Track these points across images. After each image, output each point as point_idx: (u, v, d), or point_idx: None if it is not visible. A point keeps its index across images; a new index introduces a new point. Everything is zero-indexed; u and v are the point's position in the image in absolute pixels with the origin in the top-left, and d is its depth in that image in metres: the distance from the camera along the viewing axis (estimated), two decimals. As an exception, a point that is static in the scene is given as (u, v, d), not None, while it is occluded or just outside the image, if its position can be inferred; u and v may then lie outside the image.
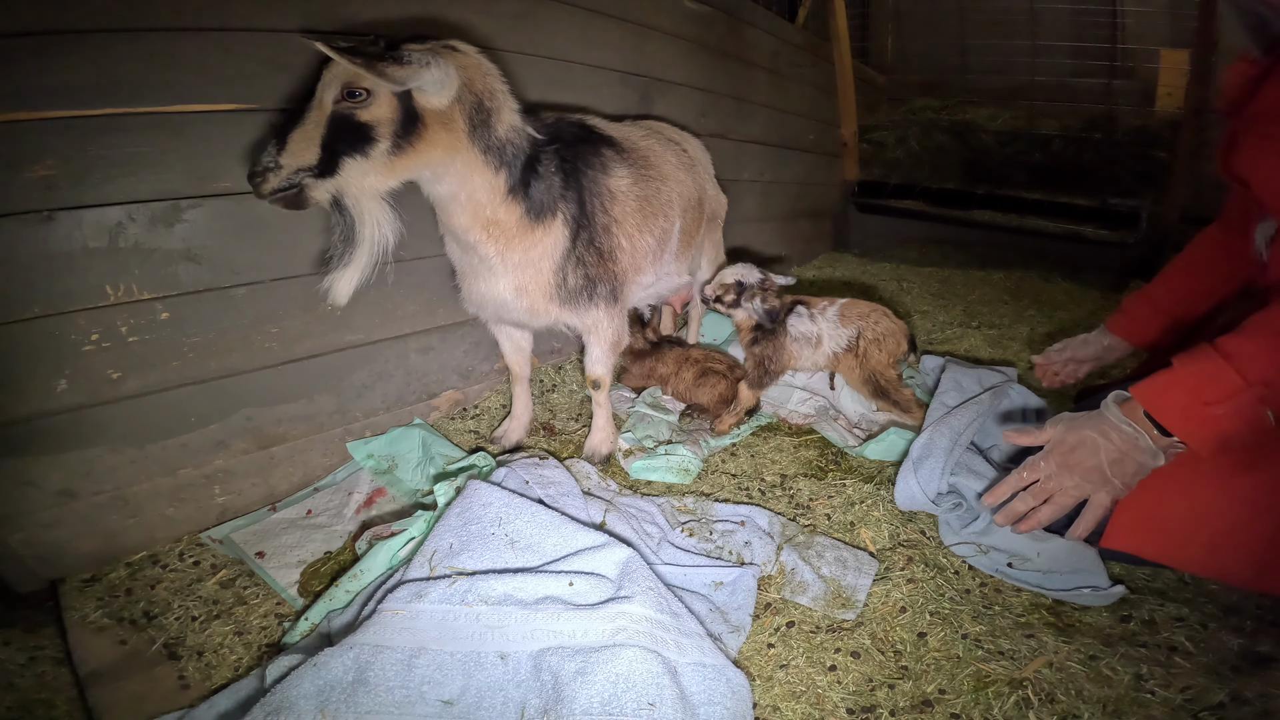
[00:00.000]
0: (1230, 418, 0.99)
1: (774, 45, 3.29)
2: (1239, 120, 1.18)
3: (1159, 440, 1.06)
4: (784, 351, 1.78)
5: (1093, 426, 1.10)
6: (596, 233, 1.54)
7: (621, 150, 1.64)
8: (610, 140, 1.63)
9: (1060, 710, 0.98)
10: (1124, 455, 1.07)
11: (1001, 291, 3.13)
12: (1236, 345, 1.00)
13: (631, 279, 1.68)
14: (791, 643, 1.14)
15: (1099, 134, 3.99)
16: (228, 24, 1.38)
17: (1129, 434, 1.07)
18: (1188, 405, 1.02)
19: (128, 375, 1.35)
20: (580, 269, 1.52)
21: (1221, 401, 0.99)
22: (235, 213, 1.44)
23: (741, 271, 1.77)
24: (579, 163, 1.51)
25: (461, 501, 1.28)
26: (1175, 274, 1.52)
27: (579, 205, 1.50)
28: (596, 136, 1.61)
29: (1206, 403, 1.00)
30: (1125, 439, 1.07)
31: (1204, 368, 1.02)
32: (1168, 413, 1.04)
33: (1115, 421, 1.08)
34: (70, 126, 1.23)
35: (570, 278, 1.51)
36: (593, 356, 1.68)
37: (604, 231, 1.55)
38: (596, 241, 1.54)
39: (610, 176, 1.57)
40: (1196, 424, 1.02)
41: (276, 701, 0.93)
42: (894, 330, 1.75)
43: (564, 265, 1.50)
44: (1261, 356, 0.98)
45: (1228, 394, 0.98)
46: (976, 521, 1.36)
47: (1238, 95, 1.18)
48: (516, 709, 0.96)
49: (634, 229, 1.63)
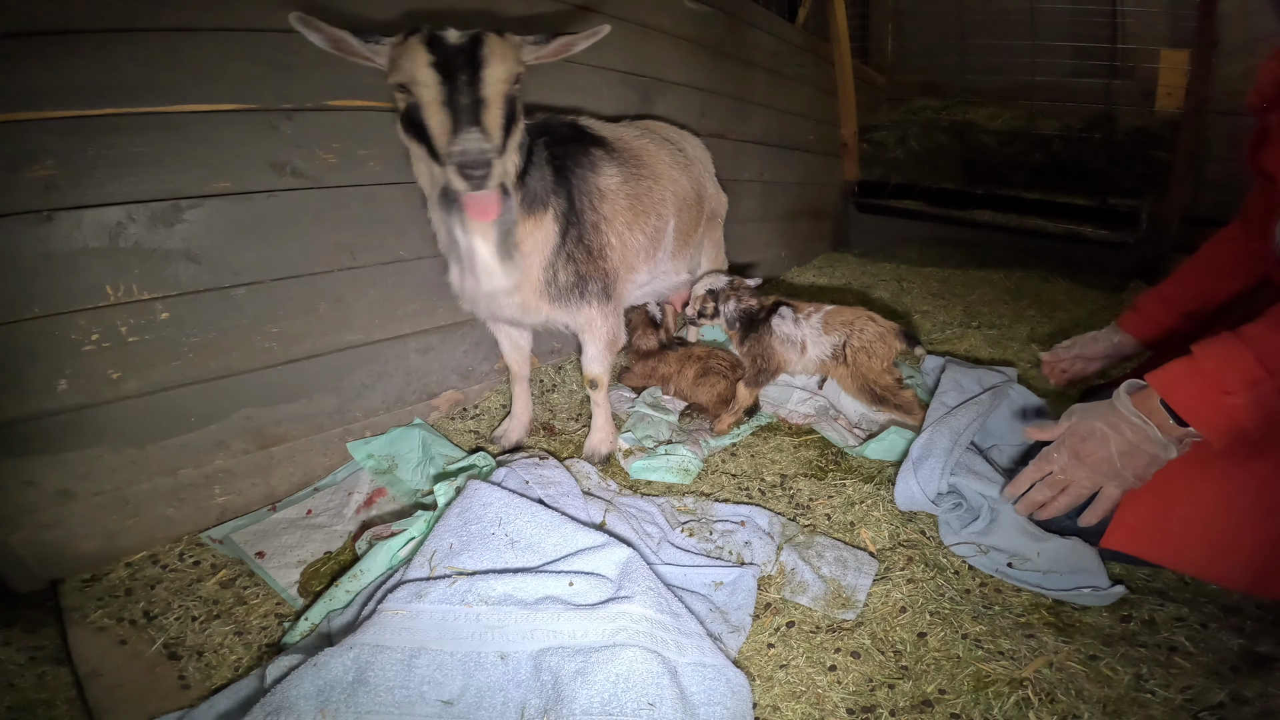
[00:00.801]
0: (1248, 408, 0.97)
1: (774, 45, 3.29)
2: (1272, 115, 1.15)
3: (1172, 431, 1.03)
4: (773, 352, 1.78)
5: (1103, 418, 1.09)
6: (585, 230, 1.54)
7: (612, 150, 1.65)
8: (600, 140, 1.64)
9: (1060, 710, 0.98)
10: (1134, 447, 1.06)
11: (1001, 291, 3.13)
12: (1260, 334, 0.97)
13: (623, 277, 1.69)
14: (791, 643, 1.14)
15: (1099, 134, 3.99)
16: (228, 24, 1.38)
17: (1138, 425, 1.05)
18: (1205, 393, 1.00)
19: (128, 375, 1.35)
20: (570, 265, 1.52)
21: (1241, 390, 0.96)
22: (235, 213, 1.44)
23: (709, 281, 1.87)
24: (568, 160, 1.52)
25: (461, 501, 1.28)
26: (1190, 272, 1.51)
27: (568, 201, 1.51)
28: (586, 136, 1.62)
29: (1225, 391, 0.97)
30: (1135, 430, 1.05)
31: (1226, 356, 0.99)
32: (1185, 401, 1.01)
33: (1125, 413, 1.07)
34: (70, 126, 1.23)
35: (560, 274, 1.52)
36: (589, 355, 1.68)
37: (593, 229, 1.56)
38: (585, 239, 1.54)
39: (599, 175, 1.58)
40: (1213, 413, 0.99)
41: (276, 701, 0.93)
42: (882, 334, 1.71)
43: (554, 261, 1.50)
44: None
45: (1248, 383, 0.96)
46: (976, 521, 1.36)
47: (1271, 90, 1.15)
48: (516, 709, 0.96)
49: (624, 227, 1.63)
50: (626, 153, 1.69)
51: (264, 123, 1.45)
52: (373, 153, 1.64)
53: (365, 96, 1.61)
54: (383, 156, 1.66)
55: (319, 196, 1.56)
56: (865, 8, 4.84)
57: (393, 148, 1.69)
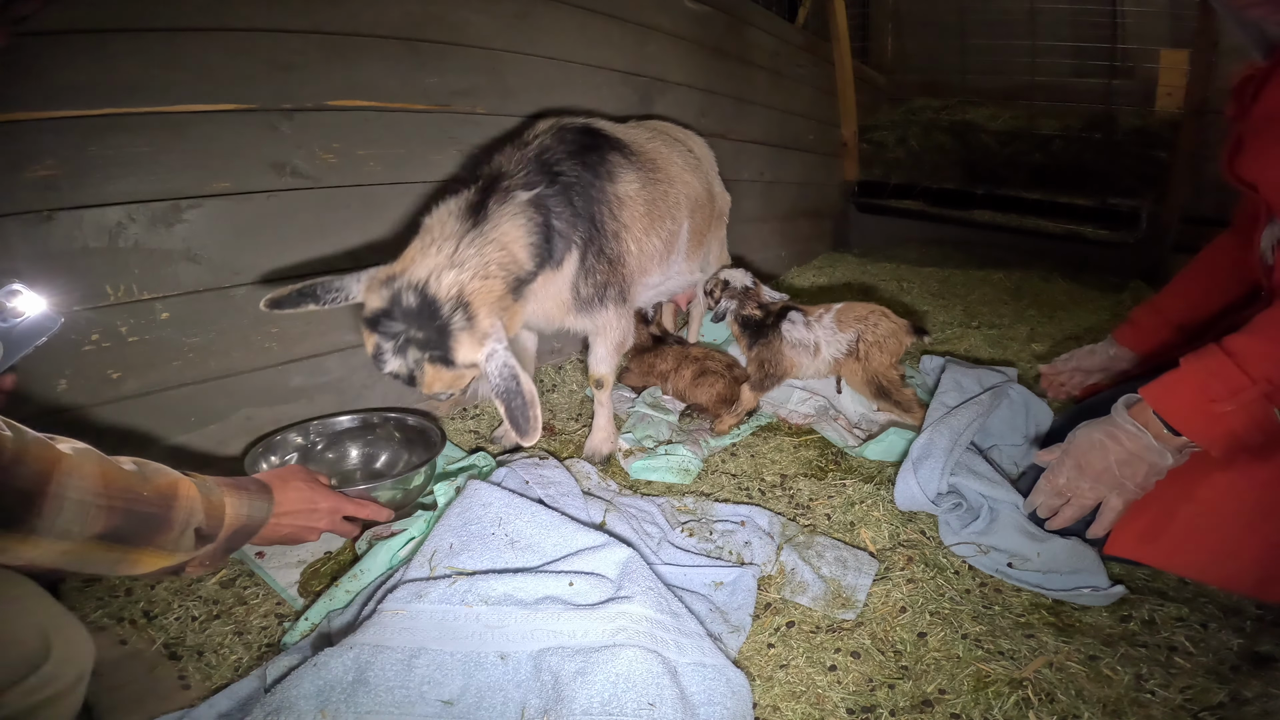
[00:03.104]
0: (1237, 415, 0.99)
1: (774, 45, 3.30)
2: (1244, 124, 1.18)
3: (1170, 441, 1.06)
4: (782, 357, 1.78)
5: (1102, 430, 1.12)
6: (606, 240, 1.54)
7: (629, 154, 1.63)
8: (617, 144, 1.63)
9: (1060, 710, 0.98)
10: (1133, 456, 1.08)
11: (1001, 291, 3.13)
12: (1242, 344, 1.01)
13: (638, 280, 1.69)
14: (791, 643, 1.14)
15: (1099, 134, 3.99)
16: (228, 24, 1.38)
17: (1135, 435, 1.08)
18: (1195, 404, 1.03)
19: (128, 375, 1.35)
20: (592, 278, 1.53)
21: (1228, 399, 0.99)
22: (235, 213, 1.44)
23: (735, 275, 1.87)
24: (586, 174, 1.51)
25: (461, 501, 1.28)
26: (1184, 283, 1.52)
27: (589, 221, 1.50)
28: (603, 142, 1.60)
29: (1213, 400, 1.00)
30: (1133, 440, 1.08)
31: (1210, 366, 1.02)
32: (1175, 412, 1.05)
33: (1122, 423, 1.10)
34: (70, 126, 1.23)
35: (584, 289, 1.53)
36: (597, 355, 1.68)
37: (613, 238, 1.56)
38: (606, 249, 1.55)
39: (617, 183, 1.57)
40: (1204, 422, 1.02)
41: (276, 701, 0.93)
42: (894, 330, 1.74)
43: (577, 282, 1.52)
44: (1267, 354, 0.98)
45: (1234, 391, 0.99)
46: (976, 521, 1.36)
47: (1242, 99, 1.18)
48: (516, 709, 0.96)
49: (642, 232, 1.63)
50: (643, 156, 1.68)
51: (264, 123, 1.45)
52: (373, 153, 1.64)
53: (365, 96, 1.61)
54: (383, 156, 1.66)
55: (319, 196, 1.56)
56: (865, 8, 4.83)
57: (393, 148, 1.69)
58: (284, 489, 1.11)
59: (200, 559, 0.96)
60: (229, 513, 0.99)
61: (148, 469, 0.88)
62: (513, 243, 1.28)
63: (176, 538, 0.89)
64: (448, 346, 1.17)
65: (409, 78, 1.70)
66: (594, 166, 1.53)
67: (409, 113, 1.71)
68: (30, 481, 0.72)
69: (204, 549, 0.95)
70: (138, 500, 0.83)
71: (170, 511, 0.88)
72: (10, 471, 0.71)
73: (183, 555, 0.92)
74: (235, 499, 1.01)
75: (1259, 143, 1.13)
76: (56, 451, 0.77)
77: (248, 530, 1.03)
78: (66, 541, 0.76)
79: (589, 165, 1.52)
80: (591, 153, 1.55)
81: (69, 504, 0.75)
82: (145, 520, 0.84)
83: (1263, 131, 1.13)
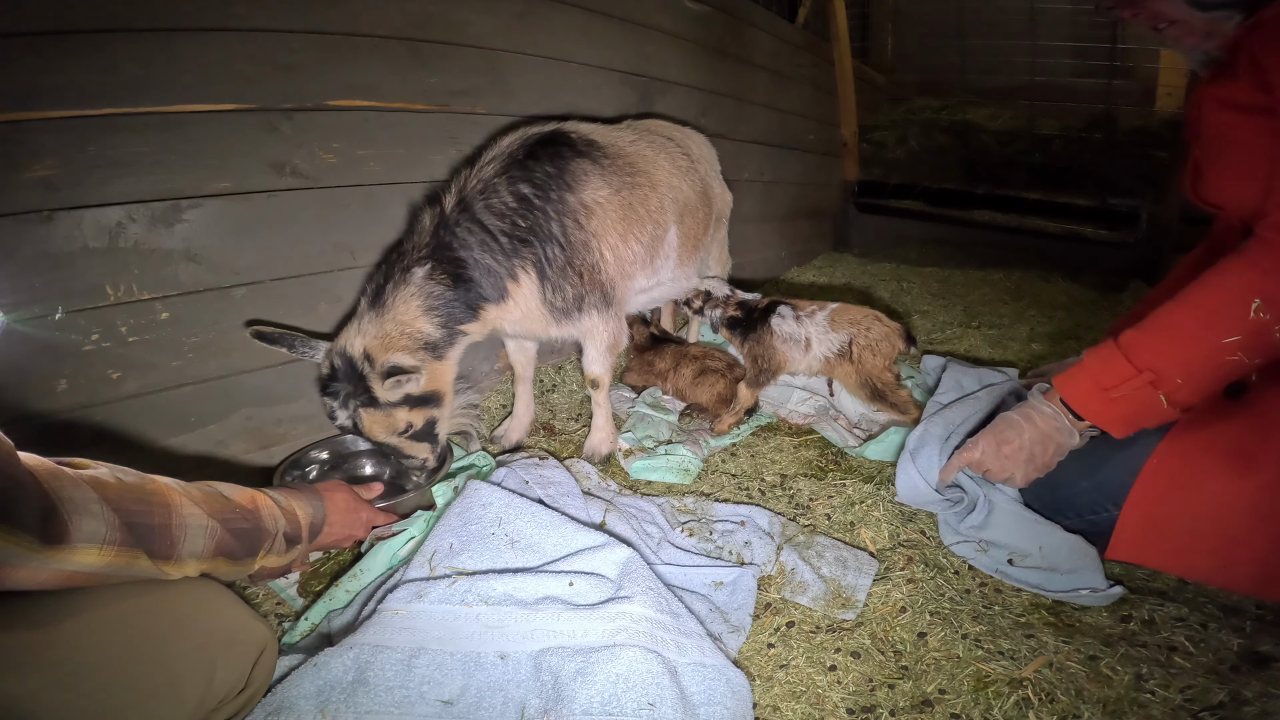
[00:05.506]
0: (1127, 400, 1.11)
1: (774, 45, 3.30)
2: (1198, 147, 1.23)
3: (1076, 423, 1.20)
4: (774, 352, 1.78)
5: (1019, 412, 1.24)
6: (574, 252, 1.54)
7: (601, 159, 1.61)
8: (586, 151, 1.59)
9: (1060, 710, 0.98)
10: (1044, 436, 1.21)
11: (1001, 291, 3.13)
12: (1131, 337, 1.12)
13: (621, 284, 1.68)
14: (791, 643, 1.14)
15: (1099, 134, 3.99)
16: (228, 24, 1.38)
17: (1049, 415, 1.21)
18: (1090, 390, 1.16)
19: (128, 375, 1.35)
20: (561, 292, 1.55)
21: (1117, 386, 1.11)
22: (235, 213, 1.44)
23: (713, 284, 1.96)
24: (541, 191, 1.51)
25: (461, 502, 1.28)
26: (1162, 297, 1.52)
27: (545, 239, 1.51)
28: (567, 150, 1.57)
29: (1105, 388, 1.13)
30: (1046, 420, 1.21)
31: (1104, 357, 1.15)
32: (1076, 398, 1.18)
33: (1039, 406, 1.22)
34: (70, 126, 1.23)
35: (558, 302, 1.55)
36: (589, 356, 1.69)
37: (583, 248, 1.55)
38: (575, 261, 1.54)
39: (582, 191, 1.55)
40: (1098, 406, 1.15)
41: (276, 701, 0.93)
42: (888, 334, 1.74)
43: (548, 298, 1.54)
44: (1150, 346, 1.09)
45: (1121, 380, 1.11)
46: (974, 514, 1.36)
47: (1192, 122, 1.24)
48: (516, 709, 0.96)
49: (618, 239, 1.61)
50: (619, 160, 1.65)
51: (264, 123, 1.45)
52: (373, 153, 1.64)
53: (365, 97, 1.61)
54: (383, 156, 1.66)
55: (319, 196, 1.56)
56: (865, 8, 4.83)
57: (393, 148, 1.69)
58: (331, 498, 1.21)
59: (299, 559, 1.11)
60: (300, 515, 1.09)
61: (220, 488, 0.99)
62: (412, 320, 1.41)
63: (271, 543, 1.02)
64: (368, 389, 1.36)
65: (409, 78, 1.70)
66: (551, 179, 1.52)
67: (409, 113, 1.71)
68: (161, 518, 0.84)
69: (295, 550, 1.08)
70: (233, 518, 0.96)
71: (259, 520, 1.00)
72: (147, 514, 0.83)
73: (287, 558, 1.07)
74: (300, 503, 1.12)
75: (1214, 168, 1.19)
76: (164, 485, 0.88)
77: (314, 530, 1.13)
78: (198, 561, 0.89)
79: (544, 181, 1.51)
80: (550, 163, 1.53)
81: (191, 530, 0.88)
82: (246, 535, 0.97)
83: (1213, 154, 1.19)
